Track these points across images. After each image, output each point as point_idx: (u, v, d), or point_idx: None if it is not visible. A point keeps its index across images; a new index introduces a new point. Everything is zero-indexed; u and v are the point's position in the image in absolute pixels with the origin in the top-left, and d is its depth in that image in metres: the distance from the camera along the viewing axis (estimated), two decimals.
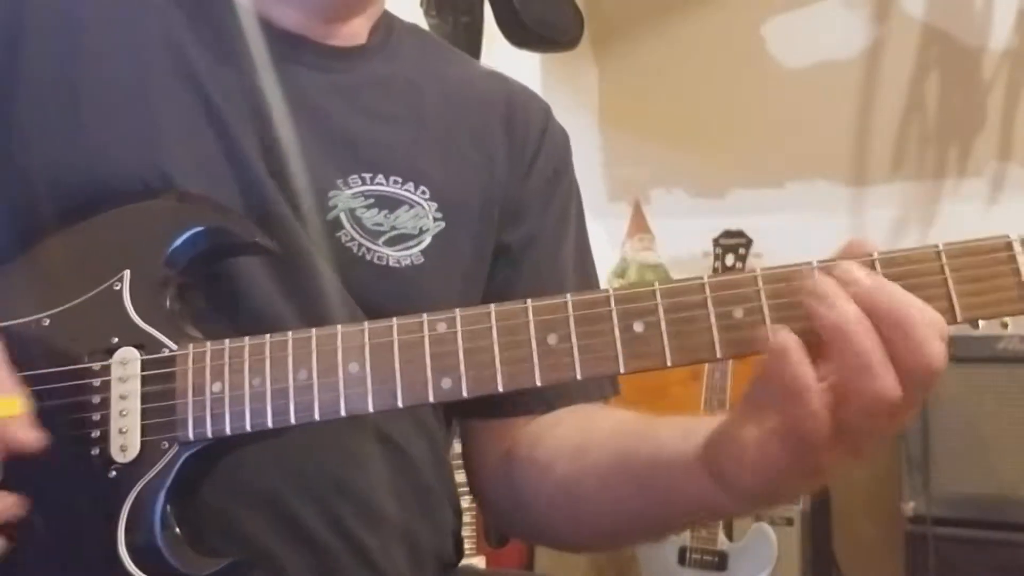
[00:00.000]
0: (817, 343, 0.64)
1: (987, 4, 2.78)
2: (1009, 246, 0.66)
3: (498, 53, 2.59)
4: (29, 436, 0.71)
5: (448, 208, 0.92)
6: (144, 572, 0.72)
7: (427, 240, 0.90)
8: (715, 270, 2.61)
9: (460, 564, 1.00)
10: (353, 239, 0.87)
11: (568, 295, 0.70)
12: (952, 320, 0.65)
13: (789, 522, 2.50)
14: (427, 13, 2.43)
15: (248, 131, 0.86)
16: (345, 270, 0.87)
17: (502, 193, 0.98)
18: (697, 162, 3.16)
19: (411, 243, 0.90)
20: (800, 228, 2.90)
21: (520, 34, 2.56)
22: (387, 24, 1.01)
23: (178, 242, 0.78)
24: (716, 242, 2.66)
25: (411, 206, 0.91)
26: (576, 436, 0.91)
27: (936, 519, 2.35)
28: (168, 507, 0.74)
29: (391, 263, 0.88)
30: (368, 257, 0.88)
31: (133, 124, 0.84)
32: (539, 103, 1.07)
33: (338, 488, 0.84)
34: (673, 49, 3.19)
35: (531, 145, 1.02)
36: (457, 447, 1.03)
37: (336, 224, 0.87)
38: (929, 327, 0.63)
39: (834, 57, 2.96)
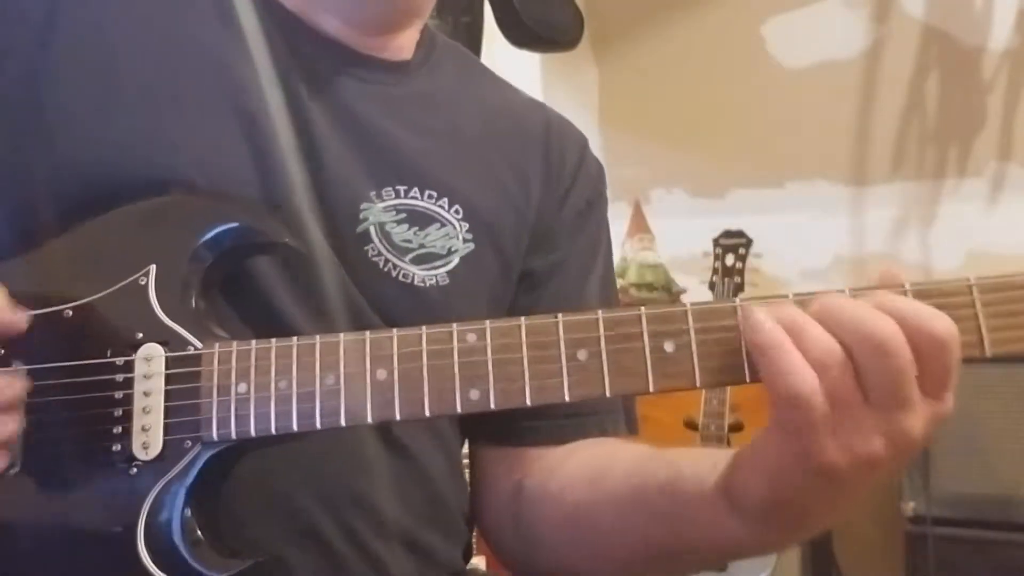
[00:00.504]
0: None
1: (987, 4, 2.79)
2: None
3: (498, 53, 2.57)
4: (14, 316, 0.73)
5: (479, 230, 0.91)
6: (162, 571, 0.71)
7: (455, 261, 0.89)
8: (715, 270, 2.61)
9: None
10: (380, 254, 0.86)
11: (599, 312, 0.69)
12: (981, 353, 0.64)
13: None
14: None
15: (282, 135, 0.85)
16: (369, 285, 0.86)
17: (534, 220, 0.97)
18: (697, 162, 3.16)
19: (438, 263, 0.88)
20: (800, 228, 2.91)
21: (520, 34, 2.54)
22: (430, 40, 1.00)
23: (205, 238, 0.77)
24: (716, 242, 2.65)
25: (442, 224, 0.89)
26: (592, 465, 0.90)
27: (936, 519, 2.36)
28: (188, 506, 0.73)
29: (416, 282, 0.87)
30: (393, 274, 0.86)
31: (162, 122, 0.83)
32: (577, 135, 1.07)
33: (352, 497, 0.83)
34: (673, 49, 3.19)
35: (567, 176, 1.01)
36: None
37: (364, 237, 0.86)
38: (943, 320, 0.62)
39: (834, 57, 2.97)
